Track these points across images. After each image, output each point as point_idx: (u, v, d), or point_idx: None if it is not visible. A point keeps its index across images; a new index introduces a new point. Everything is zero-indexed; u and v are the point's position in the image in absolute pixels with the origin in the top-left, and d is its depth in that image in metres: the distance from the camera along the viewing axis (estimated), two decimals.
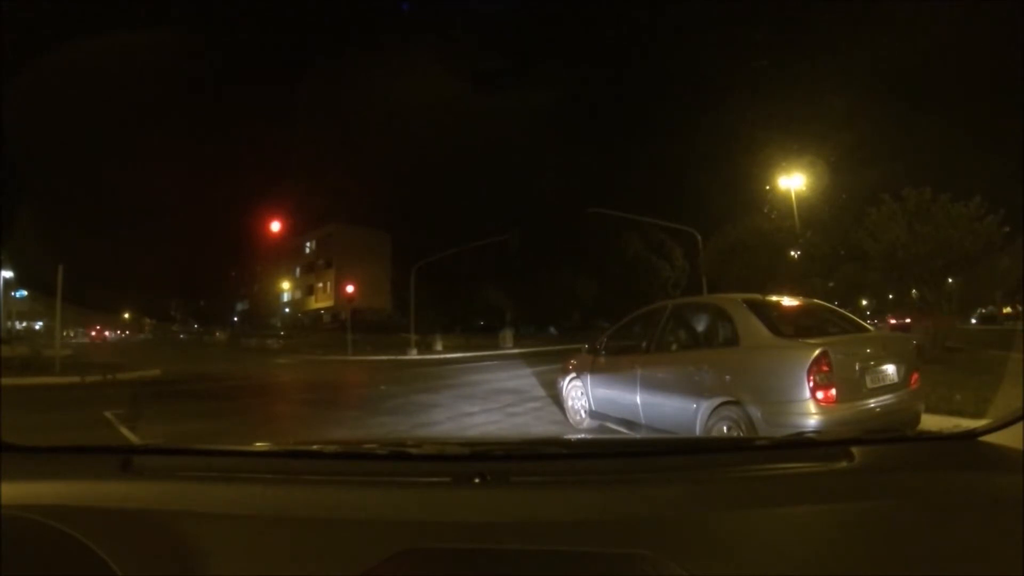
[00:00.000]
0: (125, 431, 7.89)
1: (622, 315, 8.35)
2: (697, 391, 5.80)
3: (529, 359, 22.31)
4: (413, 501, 1.51)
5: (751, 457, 1.87)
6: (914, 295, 23.93)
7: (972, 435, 1.88)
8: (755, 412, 5.18)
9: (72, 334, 46.31)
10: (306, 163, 64.73)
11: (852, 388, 5.24)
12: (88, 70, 30.79)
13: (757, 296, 6.49)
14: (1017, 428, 1.76)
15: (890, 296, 31.54)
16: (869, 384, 5.40)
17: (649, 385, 6.55)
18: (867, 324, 6.63)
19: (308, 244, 62.20)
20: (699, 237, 27.63)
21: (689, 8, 50.88)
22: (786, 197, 26.98)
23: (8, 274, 32.11)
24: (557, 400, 9.17)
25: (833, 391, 5.07)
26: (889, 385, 5.54)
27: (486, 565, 1.30)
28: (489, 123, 61.32)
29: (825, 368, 5.06)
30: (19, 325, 38.02)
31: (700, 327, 6.59)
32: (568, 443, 2.80)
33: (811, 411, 5.00)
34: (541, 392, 12.27)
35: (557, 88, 66.04)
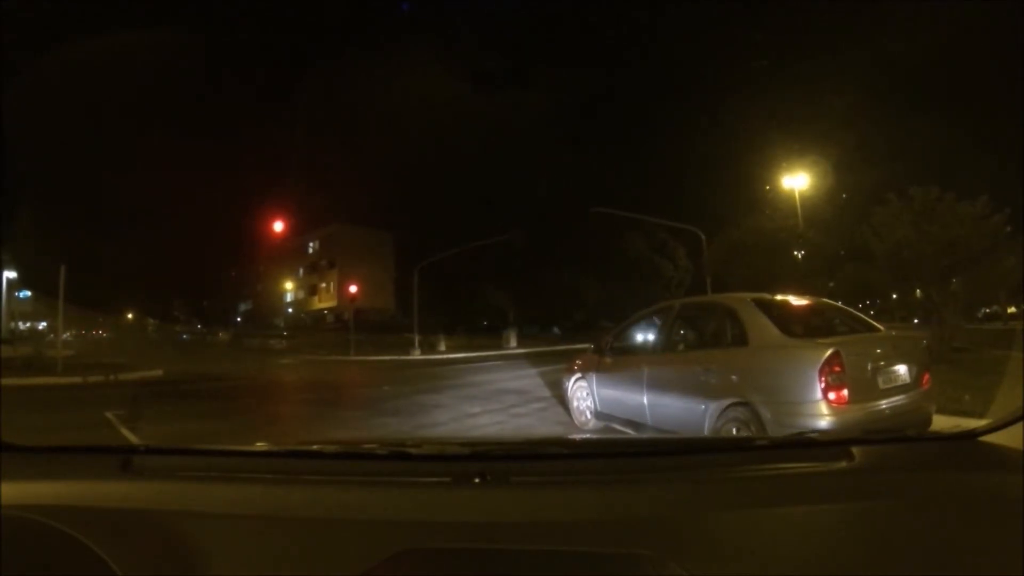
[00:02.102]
0: (126, 432, 7.80)
1: (626, 315, 8.28)
2: (705, 392, 5.70)
3: (532, 359, 22.12)
4: (413, 501, 1.51)
5: (751, 457, 1.87)
6: (918, 295, 23.85)
7: (972, 435, 1.88)
8: (765, 413, 5.08)
9: (71, 334, 46.27)
10: (309, 163, 64.58)
11: (864, 389, 5.14)
12: (90, 70, 30.90)
13: (765, 295, 6.39)
14: (1017, 428, 1.76)
15: (894, 296, 31.47)
16: (881, 385, 5.31)
17: (656, 386, 6.45)
18: (877, 324, 6.52)
19: (311, 244, 62.17)
20: (703, 237, 27.45)
21: (692, 8, 50.70)
22: (790, 197, 26.95)
23: (12, 275, 32.16)
24: (561, 400, 9.07)
25: (845, 392, 4.98)
26: (901, 386, 5.45)
27: (486, 565, 1.30)
28: (491, 123, 61.45)
29: (837, 368, 4.96)
30: (23, 326, 37.88)
31: (708, 327, 6.50)
32: (568, 443, 2.84)
33: (823, 412, 4.91)
34: (545, 392, 12.13)
35: (560, 88, 66.25)
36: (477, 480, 1.58)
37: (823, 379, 4.92)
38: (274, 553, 1.39)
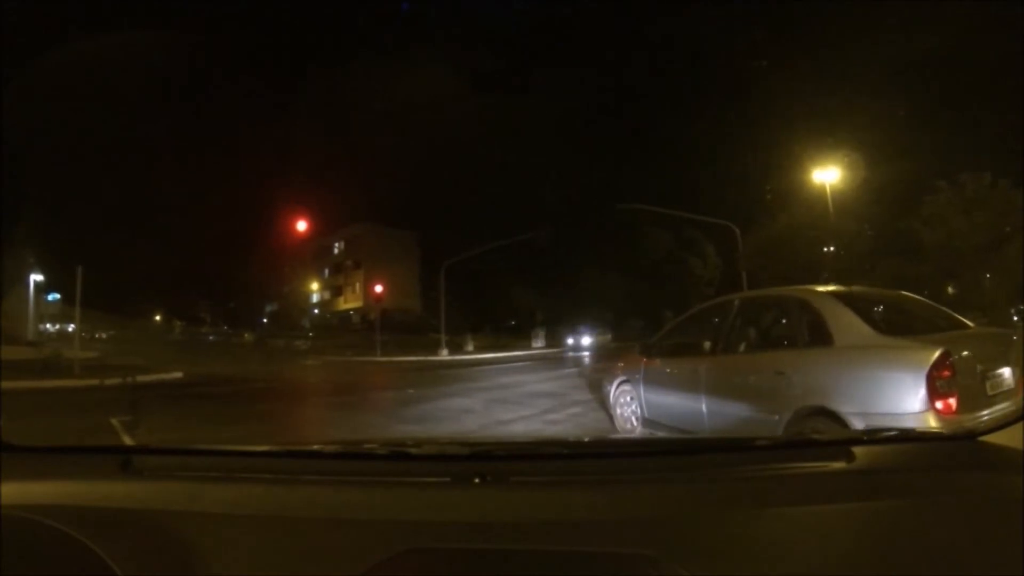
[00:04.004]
0: (127, 439, 7.21)
1: (654, 313, 7.69)
2: (778, 398, 4.96)
3: (563, 359, 21.49)
4: (413, 501, 1.50)
5: (751, 457, 1.83)
6: (950, 292, 22.99)
7: (972, 435, 1.85)
8: (857, 424, 4.30)
9: (101, 335, 46.87)
10: (333, 164, 64.43)
11: (972, 396, 4.33)
12: (114, 72, 30.89)
13: (842, 287, 5.63)
14: (1017, 428, 1.75)
15: (924, 292, 30.25)
16: (988, 391, 4.50)
17: (717, 391, 5.74)
18: (965, 320, 5.72)
19: (336, 245, 62.09)
20: (737, 231, 26.45)
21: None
22: (825, 189, 25.92)
23: (39, 277, 32.74)
24: (600, 404, 8.45)
25: (953, 401, 4.19)
26: (1006, 391, 4.62)
27: (486, 565, 1.31)
28: (515, 120, 60.60)
29: (946, 373, 4.18)
30: (52, 328, 38.31)
31: (777, 324, 5.76)
32: (568, 443, 2.92)
33: (929, 424, 4.12)
34: (581, 395, 11.36)
35: (585, 83, 65.24)
36: (477, 480, 1.57)
37: (931, 385, 4.14)
38: (274, 553, 1.38)
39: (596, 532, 1.36)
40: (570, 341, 40.65)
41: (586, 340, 39.56)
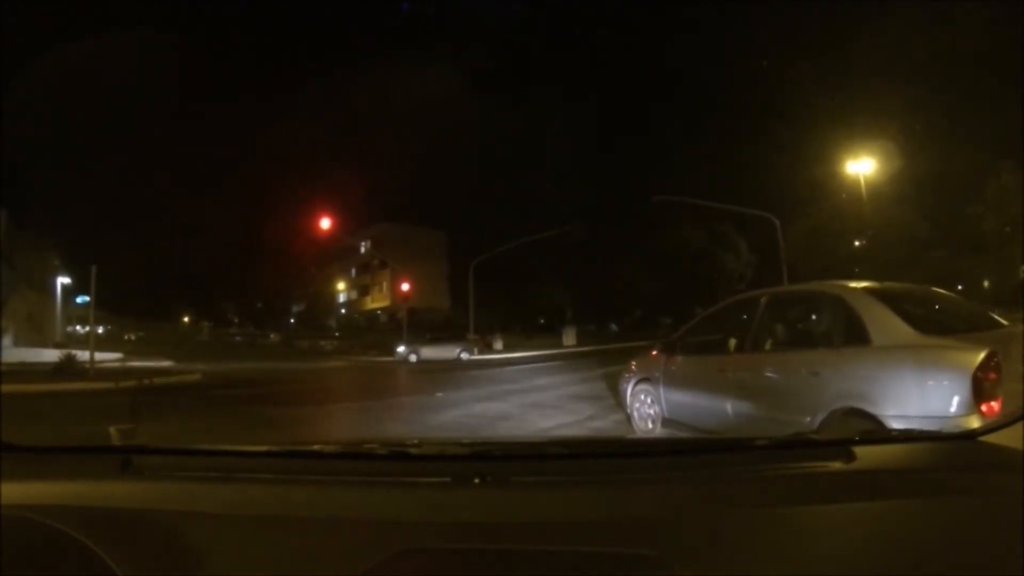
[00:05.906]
0: None
1: (685, 310, 7.43)
2: (812, 399, 4.78)
3: (596, 358, 20.71)
4: (413, 501, 1.51)
5: (751, 457, 1.85)
6: (985, 286, 22.28)
7: (972, 435, 1.87)
8: (895, 427, 4.11)
9: (132, 336, 47.75)
10: (359, 163, 64.87)
11: (1015, 398, 4.16)
12: (140, 74, 31.33)
13: (875, 283, 5.44)
14: (1017, 428, 1.75)
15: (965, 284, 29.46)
16: None
17: (744, 390, 5.57)
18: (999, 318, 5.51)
19: (363, 244, 62.38)
20: (777, 223, 25.81)
21: None
22: (870, 178, 25.23)
23: (67, 280, 33.30)
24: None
25: (997, 403, 3.98)
26: None
27: (486, 565, 1.31)
28: (545, 116, 60.47)
29: (992, 375, 3.97)
30: (81, 330, 39.22)
31: (811, 321, 5.57)
32: (568, 443, 2.98)
33: (973, 427, 3.93)
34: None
35: (616, 75, 64.82)
36: (477, 480, 1.57)
37: (977, 387, 3.95)
38: (274, 553, 1.38)
39: (596, 532, 1.37)
40: (401, 349, 31.01)
41: (404, 351, 30.25)
